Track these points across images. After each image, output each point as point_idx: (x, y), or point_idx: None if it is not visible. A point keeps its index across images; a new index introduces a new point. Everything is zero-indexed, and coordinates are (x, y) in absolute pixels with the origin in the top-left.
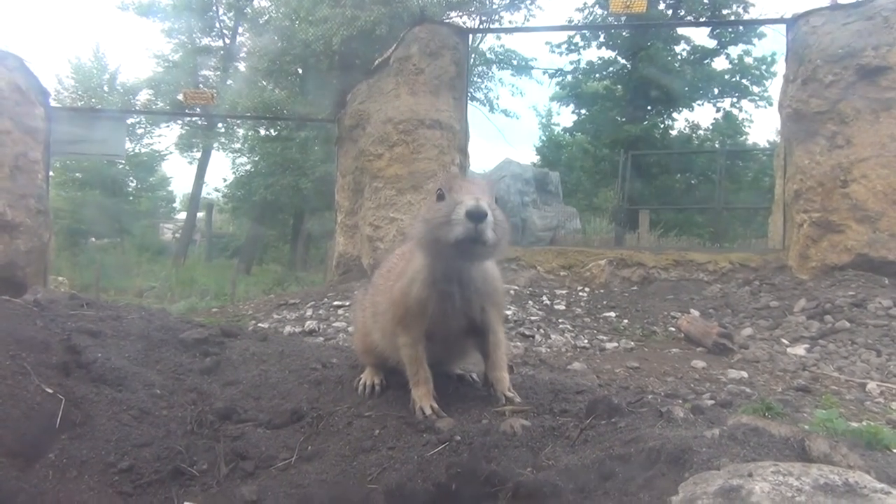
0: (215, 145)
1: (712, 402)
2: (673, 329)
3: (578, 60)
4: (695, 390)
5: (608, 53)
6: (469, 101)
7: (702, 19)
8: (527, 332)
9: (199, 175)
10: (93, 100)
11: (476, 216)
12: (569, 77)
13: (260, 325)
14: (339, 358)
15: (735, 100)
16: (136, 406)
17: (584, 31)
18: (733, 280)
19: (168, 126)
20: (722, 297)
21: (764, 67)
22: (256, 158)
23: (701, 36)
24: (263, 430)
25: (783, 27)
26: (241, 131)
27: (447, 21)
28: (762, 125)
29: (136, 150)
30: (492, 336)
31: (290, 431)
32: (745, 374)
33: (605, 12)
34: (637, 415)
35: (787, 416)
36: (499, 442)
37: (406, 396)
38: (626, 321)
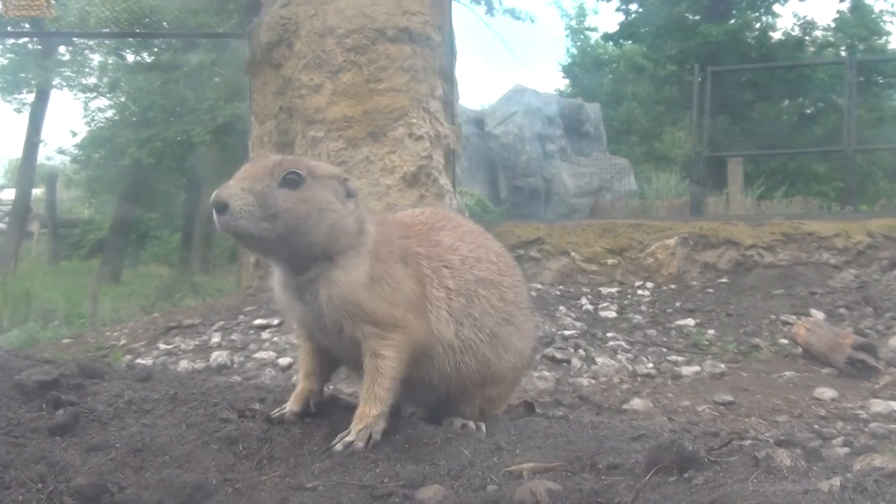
0: (56, 81)
1: (847, 449)
2: (785, 341)
3: None
4: (820, 434)
5: None
6: None
7: None
8: (558, 356)
9: (33, 129)
10: None
11: (216, 206)
12: None
13: (139, 359)
14: (264, 402)
15: None
16: None
17: None
18: (875, 261)
19: None
20: (859, 289)
21: None
22: (122, 99)
23: None
24: None
25: None
26: (96, 57)
27: None
28: None
29: None
30: (366, 360)
31: None
32: None
33: None
34: (722, 465)
35: None
36: None
37: (373, 449)
38: (711, 332)
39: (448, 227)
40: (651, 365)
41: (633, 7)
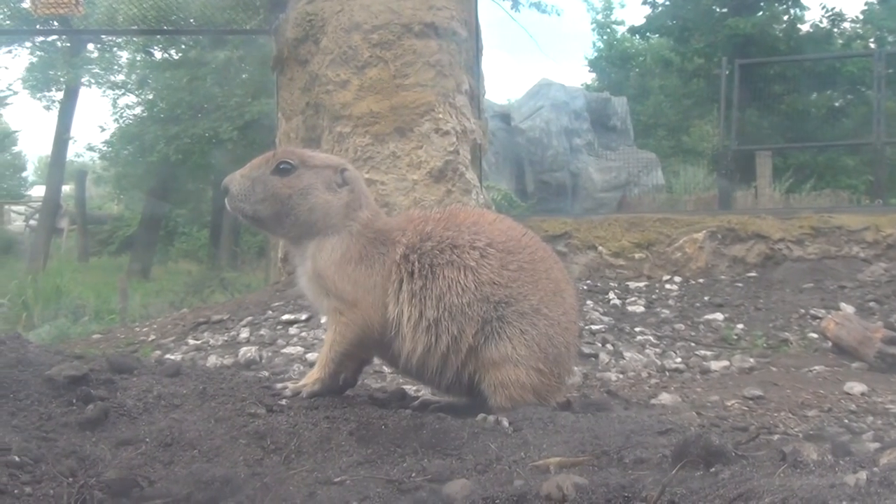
0: (85, 79)
1: (877, 444)
2: (815, 335)
3: None
4: (850, 428)
5: None
6: None
7: None
8: (586, 350)
9: (63, 126)
10: None
11: (222, 191)
12: None
13: (168, 355)
14: (291, 398)
15: None
16: None
17: None
18: None
19: (10, 51)
20: (889, 283)
21: None
22: (150, 96)
23: None
24: None
25: None
26: (124, 55)
27: None
28: None
29: None
30: (327, 331)
31: None
32: None
33: None
34: (749, 460)
35: None
36: None
37: (397, 441)
38: (740, 326)
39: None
40: (679, 359)
41: (660, 0)
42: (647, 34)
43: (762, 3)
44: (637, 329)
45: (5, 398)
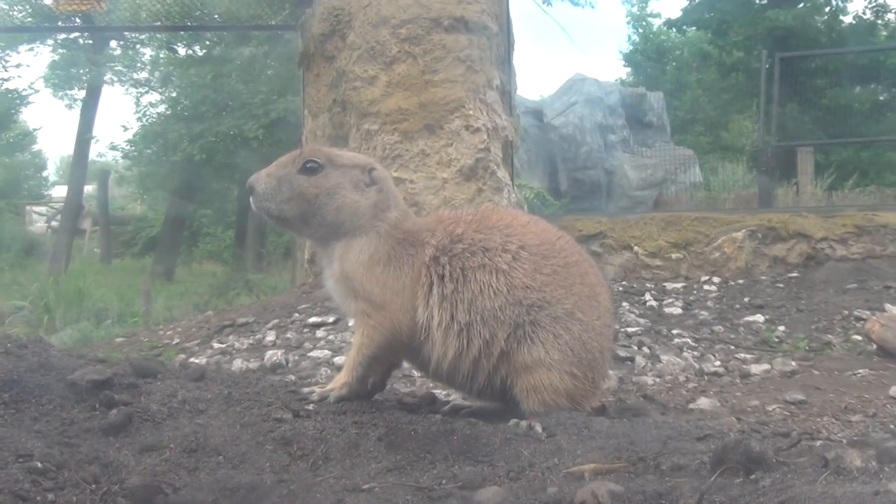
0: (108, 76)
1: None
2: (859, 338)
3: None
4: (895, 434)
5: None
6: None
7: None
8: (621, 353)
9: (85, 125)
10: None
11: (247, 190)
12: None
13: (193, 358)
14: (318, 402)
15: None
16: (5, 489)
17: None
18: None
19: (31, 49)
20: None
21: None
22: (174, 94)
23: None
24: None
25: None
26: (147, 52)
27: None
28: None
29: None
30: (355, 334)
31: None
32: None
33: None
34: (790, 466)
35: None
36: None
37: (427, 447)
38: (781, 328)
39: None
40: (718, 363)
41: None
42: (684, 27)
43: None
44: (674, 331)
45: (27, 403)
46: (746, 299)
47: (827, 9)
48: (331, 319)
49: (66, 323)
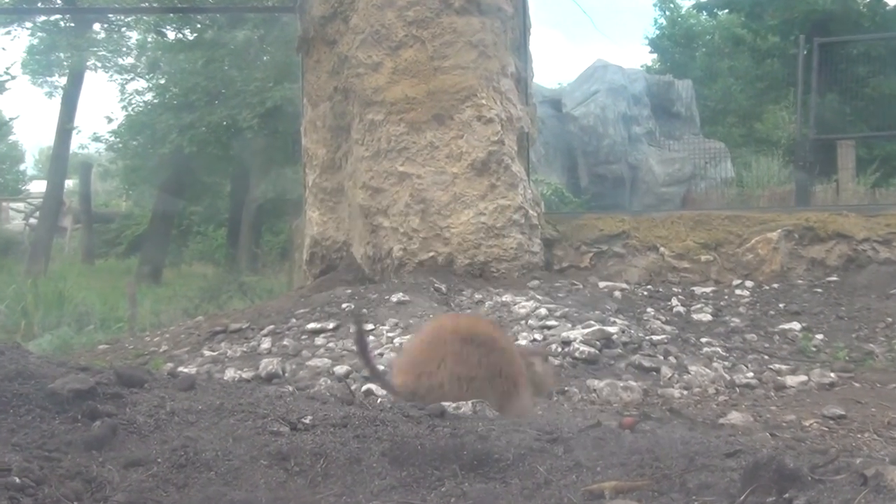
0: (90, 62)
1: None
2: None
3: None
4: None
5: None
6: None
7: None
8: (646, 363)
9: (66, 115)
10: None
11: None
12: None
13: (182, 367)
14: (316, 414)
15: None
16: None
17: None
18: None
19: (8, 32)
20: None
21: None
22: (162, 81)
23: None
24: None
25: None
26: (133, 35)
27: None
28: None
29: None
30: None
31: None
32: None
33: None
34: (826, 484)
35: None
36: None
37: (435, 463)
38: (819, 337)
39: None
40: (751, 374)
41: None
42: (715, 10)
43: None
44: (703, 340)
45: (4, 414)
46: (782, 305)
47: None
48: (331, 325)
49: (46, 328)
